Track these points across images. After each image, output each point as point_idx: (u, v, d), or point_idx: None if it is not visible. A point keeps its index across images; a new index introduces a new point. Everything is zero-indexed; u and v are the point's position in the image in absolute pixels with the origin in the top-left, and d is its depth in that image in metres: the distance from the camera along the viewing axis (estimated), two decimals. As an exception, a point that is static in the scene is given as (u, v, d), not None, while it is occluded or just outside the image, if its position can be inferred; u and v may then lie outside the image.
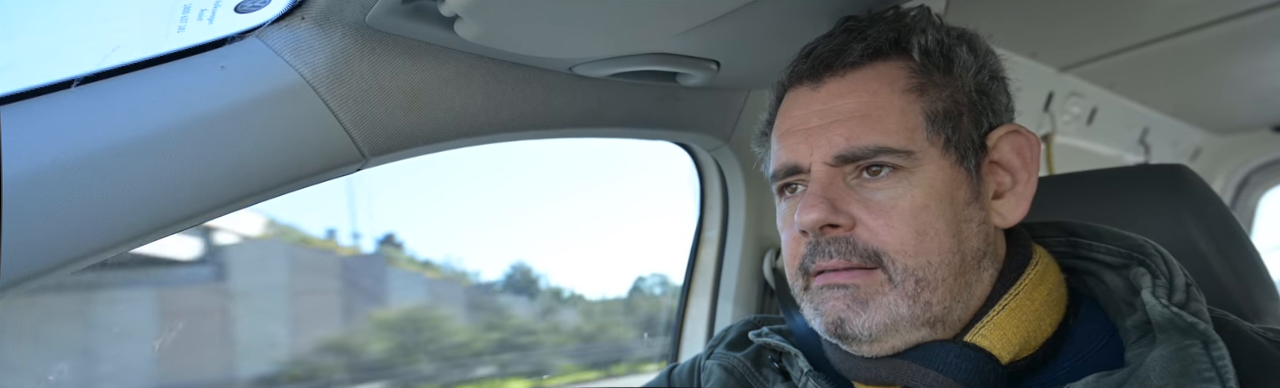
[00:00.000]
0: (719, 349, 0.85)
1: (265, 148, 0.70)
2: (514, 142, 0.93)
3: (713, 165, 1.23)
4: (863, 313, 0.63)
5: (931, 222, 0.64)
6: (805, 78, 0.71)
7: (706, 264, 1.24)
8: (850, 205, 0.65)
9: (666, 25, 0.77)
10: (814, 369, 0.73)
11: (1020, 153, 0.70)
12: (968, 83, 0.68)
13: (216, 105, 0.67)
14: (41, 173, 0.59)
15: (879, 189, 0.65)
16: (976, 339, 0.63)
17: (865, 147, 0.65)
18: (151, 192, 0.64)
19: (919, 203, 0.64)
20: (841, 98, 0.68)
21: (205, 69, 0.68)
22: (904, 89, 0.67)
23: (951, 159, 0.66)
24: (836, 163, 0.66)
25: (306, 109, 0.71)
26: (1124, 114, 1.98)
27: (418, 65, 0.79)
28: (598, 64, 0.87)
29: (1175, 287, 0.61)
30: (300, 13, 0.71)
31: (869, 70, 0.68)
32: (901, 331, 0.63)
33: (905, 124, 0.65)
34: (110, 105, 0.64)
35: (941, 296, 0.63)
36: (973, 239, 0.66)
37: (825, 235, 0.65)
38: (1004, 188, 0.69)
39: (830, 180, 0.66)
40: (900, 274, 0.63)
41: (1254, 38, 1.53)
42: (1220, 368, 0.54)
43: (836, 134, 0.66)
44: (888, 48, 0.69)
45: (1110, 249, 0.69)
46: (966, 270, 0.65)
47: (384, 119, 0.77)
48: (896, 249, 0.63)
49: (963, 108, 0.68)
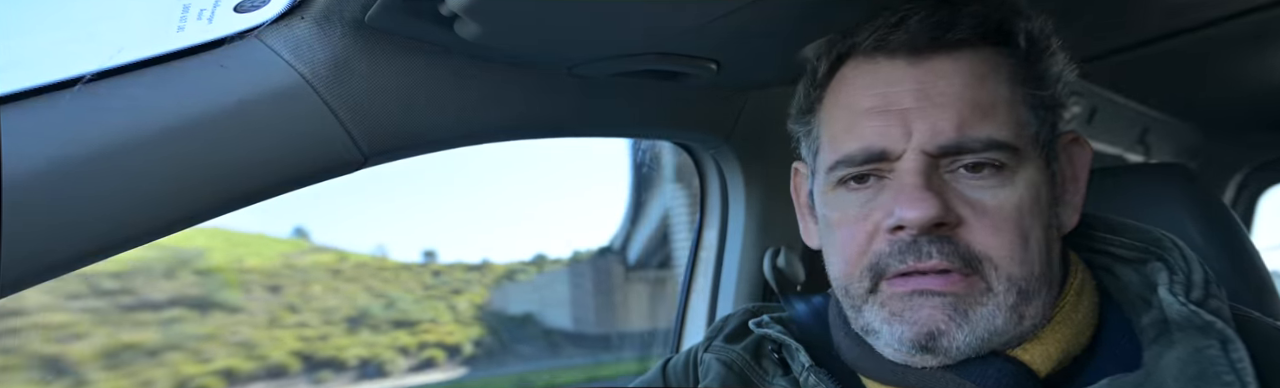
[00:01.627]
0: (717, 342, 0.81)
1: (264, 148, 0.70)
2: (514, 142, 0.93)
3: (713, 165, 1.23)
4: (965, 325, 0.57)
5: (1032, 226, 0.58)
6: (900, 49, 0.61)
7: (706, 264, 1.24)
8: (953, 202, 0.58)
9: (666, 25, 0.77)
10: (815, 365, 0.69)
11: (1073, 161, 0.66)
12: (1060, 80, 0.63)
13: (215, 105, 0.67)
14: (41, 173, 0.59)
15: (982, 188, 0.58)
16: (1018, 353, 0.59)
17: (977, 139, 0.57)
18: (150, 192, 0.64)
19: (1024, 206, 0.58)
20: (947, 79, 0.59)
21: (204, 69, 0.68)
22: (1011, 78, 0.60)
23: (1044, 160, 0.61)
24: (938, 153, 0.58)
25: (306, 109, 0.71)
26: (1124, 114, 1.98)
27: (418, 65, 0.79)
28: (598, 64, 0.87)
29: (1193, 283, 0.57)
30: (300, 12, 0.71)
31: (975, 51, 0.61)
32: (987, 347, 0.58)
33: (1016, 118, 0.59)
34: (109, 105, 0.64)
35: (1035, 310, 0.58)
36: (1055, 248, 0.61)
37: (928, 235, 0.57)
38: (1061, 198, 0.65)
39: (930, 172, 0.58)
40: (1003, 283, 0.57)
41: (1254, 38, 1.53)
42: (1239, 370, 0.51)
43: (944, 120, 0.58)
44: (994, 32, 0.61)
45: (1125, 243, 0.65)
46: (1052, 282, 0.60)
47: (384, 119, 0.77)
48: (1003, 256, 0.57)
49: (1054, 106, 0.63)
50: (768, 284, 1.22)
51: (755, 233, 1.22)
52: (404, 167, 0.82)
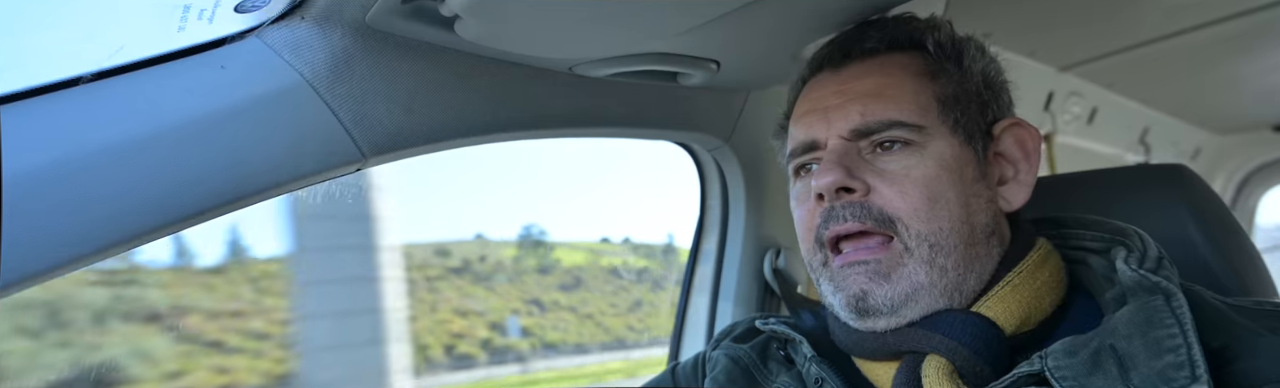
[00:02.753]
0: (726, 342, 0.86)
1: (265, 148, 0.70)
2: (514, 141, 0.93)
3: (713, 165, 1.23)
4: (886, 284, 0.66)
5: (942, 191, 0.67)
6: (826, 63, 0.76)
7: (706, 264, 1.24)
8: (865, 173, 0.68)
9: (666, 25, 0.77)
10: (817, 355, 0.75)
11: (1021, 144, 0.73)
12: (975, 75, 0.73)
13: (216, 105, 0.67)
14: (42, 173, 0.59)
15: (892, 161, 0.68)
16: (981, 310, 0.66)
17: (879, 120, 0.68)
18: (151, 192, 0.64)
19: (930, 173, 0.67)
20: (859, 79, 0.72)
21: (205, 69, 0.68)
22: (917, 73, 0.72)
23: (960, 138, 0.70)
24: (852, 137, 0.69)
25: (306, 109, 0.71)
26: (1124, 114, 1.98)
27: (418, 65, 0.79)
28: (598, 64, 0.87)
29: (1147, 257, 0.64)
30: (300, 12, 0.71)
31: (886, 57, 0.74)
32: (921, 300, 0.65)
33: (918, 103, 0.70)
34: (110, 105, 0.64)
35: (955, 261, 0.66)
36: (980, 214, 0.69)
37: (840, 200, 0.67)
38: (1007, 177, 0.73)
39: (845, 151, 0.69)
40: (914, 240, 0.66)
41: (1254, 38, 1.53)
42: (1179, 316, 0.57)
43: (853, 111, 0.69)
44: (904, 41, 0.74)
45: (1093, 235, 0.72)
46: (976, 242, 0.68)
47: (384, 119, 0.77)
48: (910, 214, 0.66)
49: (971, 96, 0.72)
50: (768, 286, 1.22)
51: (755, 234, 1.22)
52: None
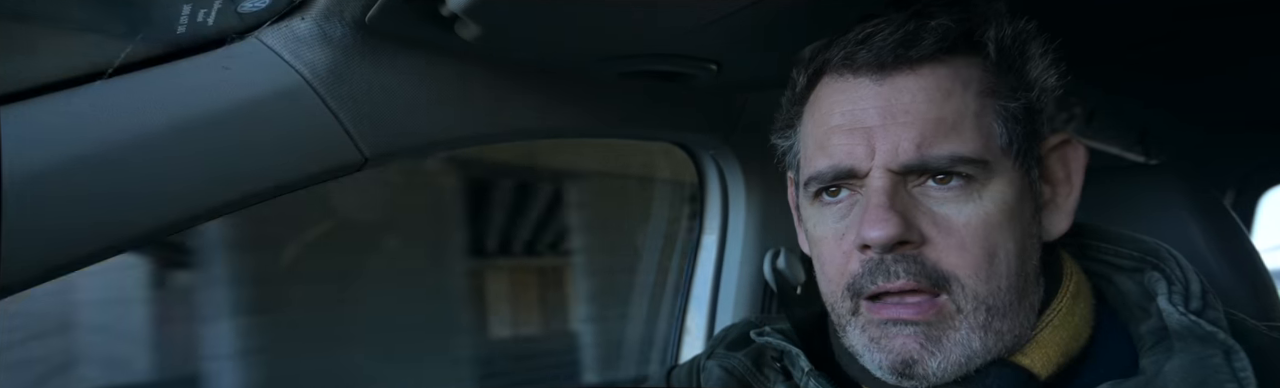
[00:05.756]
0: (719, 349, 0.83)
1: (264, 148, 0.70)
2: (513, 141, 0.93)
3: (713, 166, 1.23)
4: (938, 353, 0.58)
5: (1002, 242, 0.58)
6: (866, 67, 0.61)
7: (706, 265, 1.24)
8: (918, 219, 0.58)
9: (666, 25, 0.77)
10: (815, 369, 0.70)
11: (1067, 164, 0.65)
12: (1036, 86, 0.63)
13: (215, 105, 0.67)
14: (41, 173, 0.59)
15: (948, 201, 0.59)
16: (1019, 358, 0.60)
17: (939, 156, 0.58)
18: (150, 192, 0.64)
19: (992, 221, 0.58)
20: (910, 95, 0.59)
21: (204, 69, 0.68)
22: (979, 91, 0.60)
23: (1020, 170, 0.61)
24: (901, 171, 0.59)
25: (306, 109, 0.71)
26: (1124, 114, 1.98)
27: (418, 65, 0.79)
28: (598, 64, 0.87)
29: (1191, 293, 0.58)
30: (300, 13, 0.71)
31: (941, 66, 0.60)
32: (973, 365, 0.59)
33: (981, 131, 0.59)
34: (109, 106, 0.64)
35: (1011, 324, 0.59)
36: (1032, 259, 0.61)
37: (892, 252, 0.58)
38: (1046, 200, 0.64)
39: (895, 190, 0.59)
40: (970, 302, 0.58)
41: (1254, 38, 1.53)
42: (1242, 379, 0.52)
43: (905, 138, 0.58)
44: (960, 42, 0.61)
45: (1122, 252, 0.66)
46: (1027, 292, 0.60)
47: (384, 119, 0.77)
48: (968, 274, 0.58)
49: (1032, 114, 0.62)
50: (768, 286, 1.22)
51: (755, 234, 1.22)
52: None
